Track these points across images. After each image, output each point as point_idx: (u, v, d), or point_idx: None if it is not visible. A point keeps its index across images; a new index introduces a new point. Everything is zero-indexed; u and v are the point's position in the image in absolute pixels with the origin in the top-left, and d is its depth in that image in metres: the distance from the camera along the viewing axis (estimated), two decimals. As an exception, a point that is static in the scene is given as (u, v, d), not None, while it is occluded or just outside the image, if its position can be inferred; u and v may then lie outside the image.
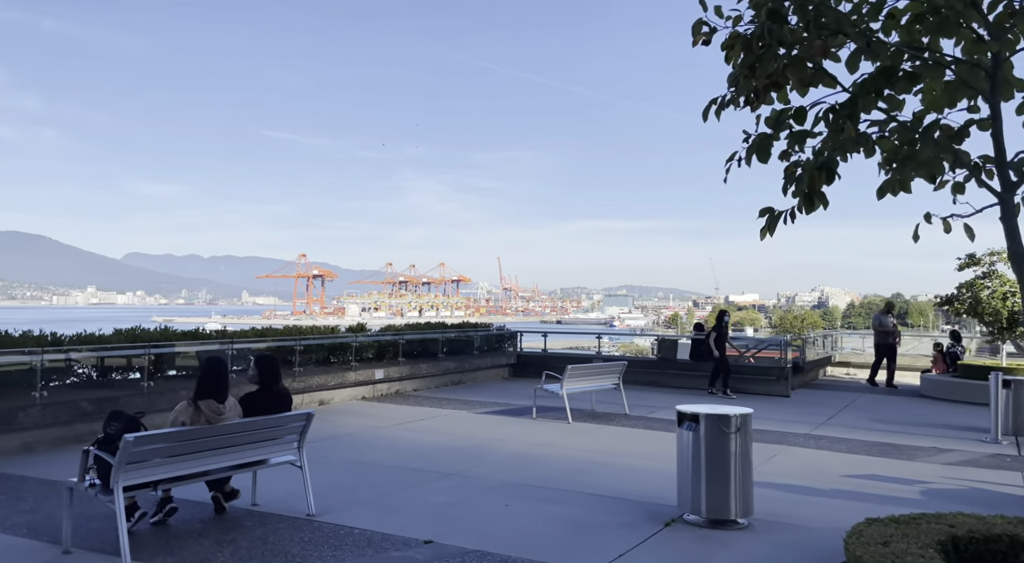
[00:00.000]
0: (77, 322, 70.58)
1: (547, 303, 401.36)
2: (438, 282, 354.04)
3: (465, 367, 17.74)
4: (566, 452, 9.93)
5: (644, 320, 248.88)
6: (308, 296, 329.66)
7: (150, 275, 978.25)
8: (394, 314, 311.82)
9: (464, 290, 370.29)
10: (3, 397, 9.61)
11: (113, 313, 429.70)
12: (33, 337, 10.38)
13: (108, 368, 11.28)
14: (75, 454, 9.83)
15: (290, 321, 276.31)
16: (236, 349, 12.24)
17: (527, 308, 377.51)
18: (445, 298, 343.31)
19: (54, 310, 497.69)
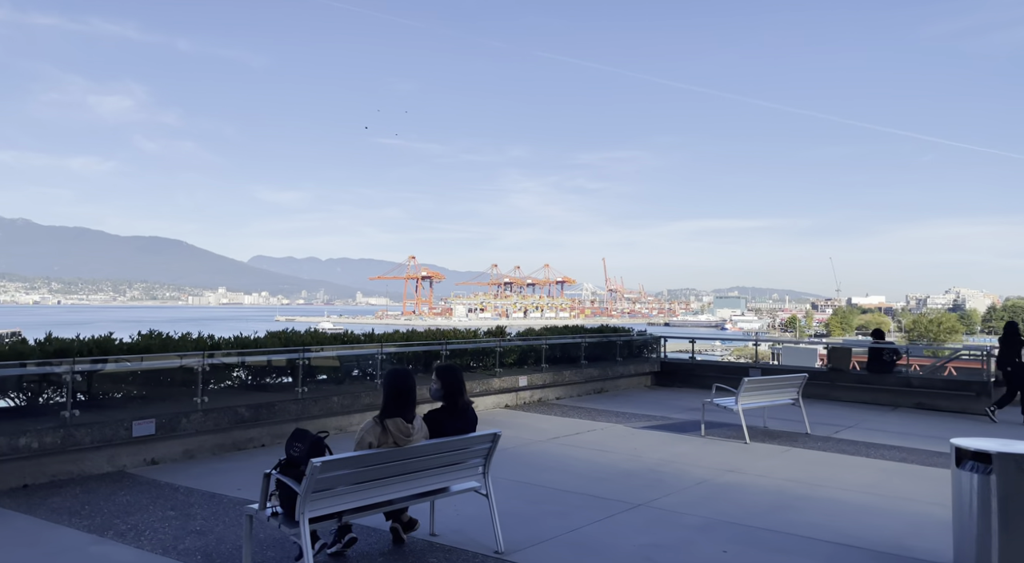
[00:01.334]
0: (212, 321, 75.63)
1: (654, 305, 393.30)
2: (542, 283, 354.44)
3: (608, 374, 16.64)
4: (759, 480, 8.62)
5: (758, 323, 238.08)
6: (417, 297, 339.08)
7: (273, 277, 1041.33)
8: (499, 315, 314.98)
9: (568, 291, 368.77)
10: (167, 402, 9.44)
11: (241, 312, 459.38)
12: (192, 340, 10.22)
13: (260, 371, 11.02)
14: (235, 463, 9.58)
15: (400, 321, 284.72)
16: (386, 354, 11.72)
17: (633, 310, 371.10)
18: (549, 299, 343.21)
19: (189, 309, 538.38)
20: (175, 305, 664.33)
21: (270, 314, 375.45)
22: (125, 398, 9.09)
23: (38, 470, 7.92)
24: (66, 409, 8.12)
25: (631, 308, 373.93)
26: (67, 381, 8.11)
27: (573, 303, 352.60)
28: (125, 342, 9.55)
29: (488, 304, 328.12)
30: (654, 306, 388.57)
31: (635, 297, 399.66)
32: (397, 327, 60.75)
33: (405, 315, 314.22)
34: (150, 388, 9.36)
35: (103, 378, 8.72)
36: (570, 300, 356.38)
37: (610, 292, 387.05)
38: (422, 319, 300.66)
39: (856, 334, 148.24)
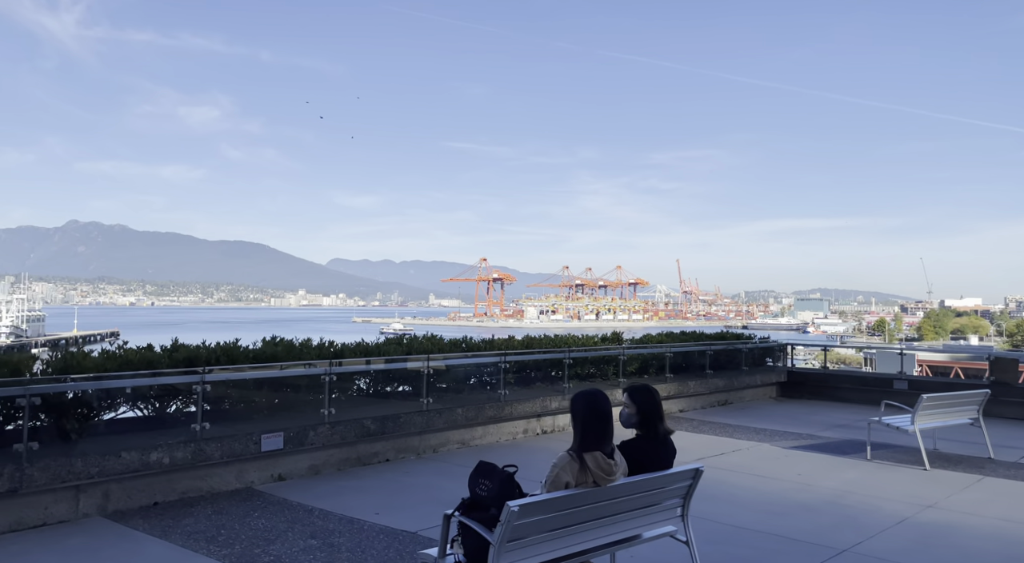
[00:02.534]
0: (294, 322, 77.15)
1: (731, 307, 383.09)
2: (615, 285, 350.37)
3: (733, 385, 15.36)
4: (969, 519, 7.30)
5: (843, 326, 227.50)
6: (488, 298, 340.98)
7: (350, 279, 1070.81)
8: (571, 316, 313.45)
9: (642, 293, 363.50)
10: (292, 414, 8.89)
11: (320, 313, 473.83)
12: (315, 347, 9.67)
13: (382, 380, 10.40)
14: (364, 480, 8.85)
15: (473, 323, 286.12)
16: (509, 362, 10.91)
17: (709, 312, 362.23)
18: (622, 301, 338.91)
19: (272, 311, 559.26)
20: (258, 306, 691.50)
21: (347, 315, 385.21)
22: (249, 409, 8.58)
23: (168, 487, 7.45)
24: (196, 422, 7.63)
25: (707, 310, 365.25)
26: (197, 392, 7.62)
27: (646, 305, 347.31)
28: (249, 348, 9.05)
29: (560, 306, 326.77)
30: (731, 308, 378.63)
31: (711, 299, 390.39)
32: (469, 329, 59.53)
33: (477, 317, 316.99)
34: (275, 399, 8.83)
35: (230, 388, 8.23)
36: (643, 302, 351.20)
37: (685, 294, 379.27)
38: (494, 321, 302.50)
39: (953, 338, 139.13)
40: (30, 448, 6.43)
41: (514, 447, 10.66)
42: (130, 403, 7.90)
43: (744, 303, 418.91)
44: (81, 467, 6.71)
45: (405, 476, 8.81)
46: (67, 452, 6.73)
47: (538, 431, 11.52)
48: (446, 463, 9.53)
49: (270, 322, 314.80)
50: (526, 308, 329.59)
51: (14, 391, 6.43)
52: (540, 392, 11.65)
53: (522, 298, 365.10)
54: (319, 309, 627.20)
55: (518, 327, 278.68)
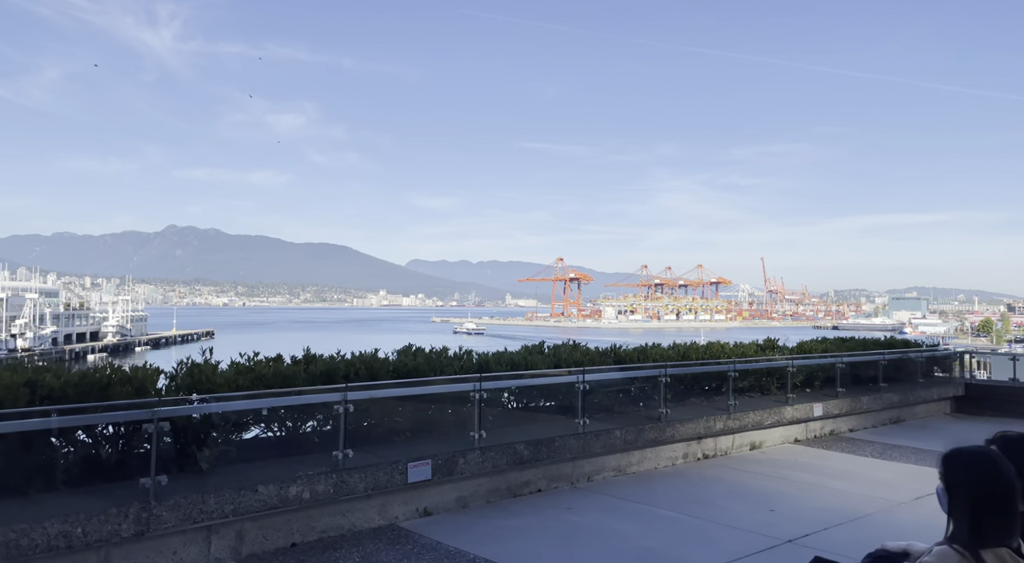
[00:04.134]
0: (377, 321, 77.63)
1: (819, 306, 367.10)
2: (695, 284, 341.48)
3: (907, 399, 13.30)
4: None
5: (943, 326, 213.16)
6: (565, 298, 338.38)
7: (428, 280, 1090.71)
8: (650, 317, 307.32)
9: (724, 293, 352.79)
10: (435, 437, 7.67)
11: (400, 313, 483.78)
12: (454, 358, 8.41)
13: (526, 396, 9.08)
14: (520, 518, 7.08)
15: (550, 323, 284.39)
16: (670, 375, 9.38)
17: (796, 312, 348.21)
18: (704, 301, 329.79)
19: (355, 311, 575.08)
20: (342, 307, 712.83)
21: (426, 315, 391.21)
22: (390, 432, 7.41)
23: (307, 525, 6.33)
24: (337, 448, 6.49)
25: (793, 310, 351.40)
26: (338, 412, 6.48)
27: (729, 305, 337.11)
28: (388, 359, 7.89)
29: (638, 306, 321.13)
30: (819, 308, 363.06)
31: (798, 298, 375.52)
32: (546, 329, 57.52)
33: (554, 317, 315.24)
34: (417, 419, 7.63)
35: (371, 408, 7.07)
36: (726, 302, 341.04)
37: (770, 293, 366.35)
38: (571, 321, 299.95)
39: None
40: (158, 483, 5.41)
41: (677, 475, 9.14)
42: (263, 425, 6.85)
43: (833, 302, 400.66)
44: (214, 504, 5.65)
45: (568, 513, 7.44)
46: (199, 486, 5.69)
47: (699, 456, 9.95)
48: (608, 496, 8.11)
49: (354, 322, 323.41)
50: (604, 308, 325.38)
51: (139, 415, 5.43)
52: (701, 410, 10.08)
53: (599, 298, 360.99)
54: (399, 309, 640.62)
55: (596, 327, 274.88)
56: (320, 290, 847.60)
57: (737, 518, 7.30)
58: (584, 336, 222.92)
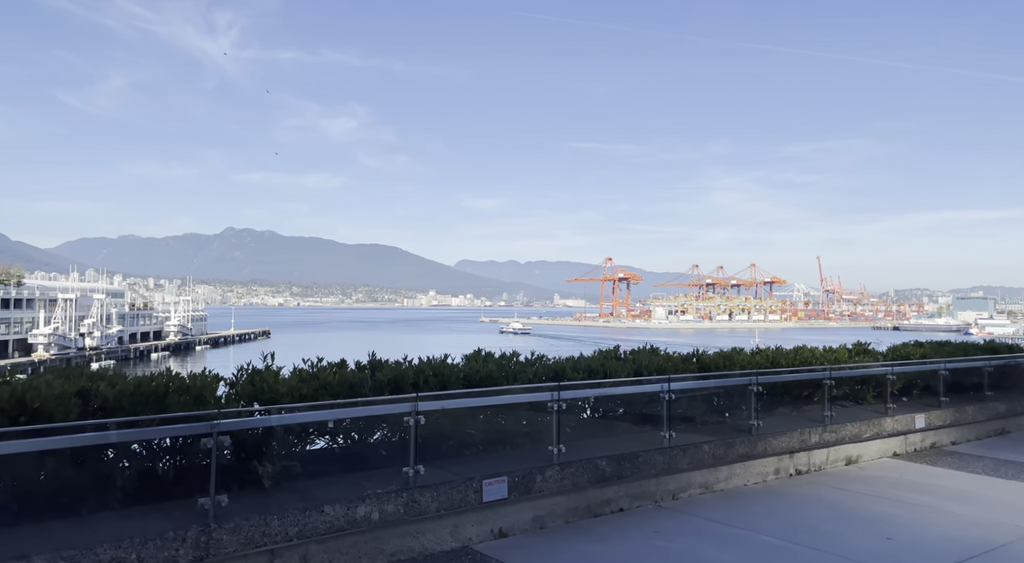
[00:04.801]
0: (427, 321, 77.59)
1: (879, 306, 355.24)
2: (748, 284, 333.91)
3: (1015, 409, 12.11)
4: None
5: (1012, 327, 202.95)
6: (614, 298, 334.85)
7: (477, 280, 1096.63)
8: (702, 317, 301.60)
9: (778, 292, 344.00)
10: (514, 452, 7.06)
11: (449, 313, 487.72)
12: (526, 363, 7.77)
13: (605, 406, 8.38)
14: (604, 543, 6.15)
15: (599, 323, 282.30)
16: (762, 384, 8.55)
17: (854, 312, 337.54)
18: (757, 301, 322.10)
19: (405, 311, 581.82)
20: (392, 307, 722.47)
21: (475, 315, 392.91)
22: (460, 445, 6.83)
23: (375, 547, 5.78)
24: (408, 464, 5.93)
25: (852, 310, 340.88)
26: (409, 426, 5.92)
27: (784, 305, 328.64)
28: (456, 365, 7.30)
29: (689, 306, 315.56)
30: (879, 308, 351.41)
31: (856, 298, 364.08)
32: (596, 329, 56.08)
33: (603, 317, 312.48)
34: (489, 431, 7.03)
35: (442, 419, 6.50)
36: (780, 302, 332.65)
37: (826, 293, 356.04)
38: (620, 321, 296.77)
39: None
40: (218, 503, 4.92)
41: (772, 494, 8.30)
42: (327, 437, 6.34)
43: (894, 302, 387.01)
44: (278, 526, 5.15)
45: (657, 538, 6.72)
46: (261, 506, 5.19)
47: (791, 471, 9.07)
48: (698, 517, 7.35)
49: (405, 322, 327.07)
50: (654, 308, 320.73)
51: (198, 429, 4.96)
52: (793, 422, 9.21)
53: (649, 298, 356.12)
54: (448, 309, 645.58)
55: (645, 327, 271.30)
56: (371, 290, 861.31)
57: (852, 548, 6.46)
58: (634, 336, 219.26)
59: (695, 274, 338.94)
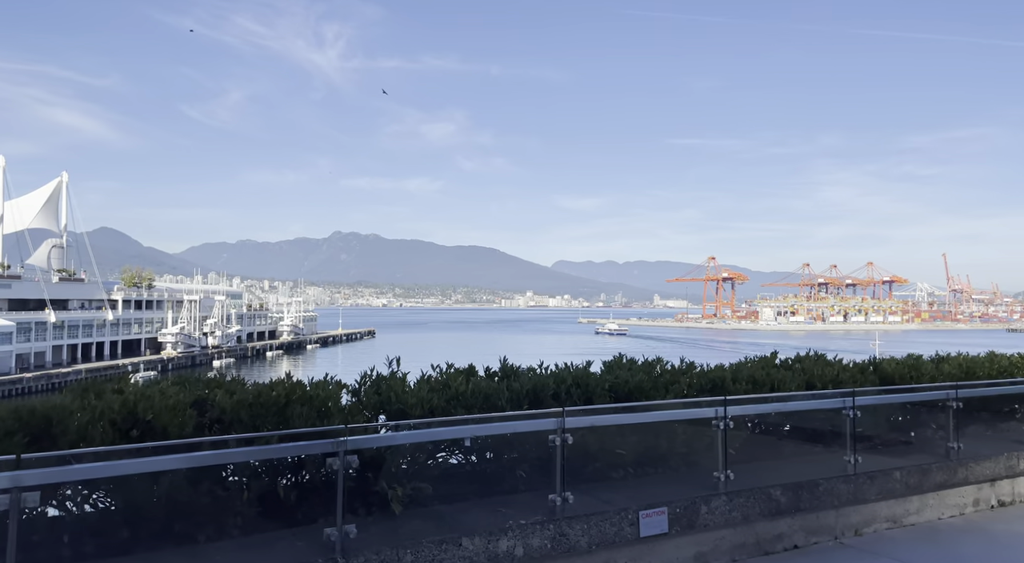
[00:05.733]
0: (525, 322, 77.03)
1: (1013, 307, 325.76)
2: (865, 283, 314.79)
3: None
4: None
5: None
6: (718, 299, 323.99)
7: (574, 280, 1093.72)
8: (813, 318, 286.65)
9: (898, 292, 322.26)
10: (671, 477, 6.07)
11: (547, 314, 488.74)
12: (676, 372, 6.73)
13: (764, 421, 7.22)
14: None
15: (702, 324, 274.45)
16: (961, 399, 7.11)
17: (985, 313, 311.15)
18: (875, 301, 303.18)
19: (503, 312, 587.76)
20: (490, 307, 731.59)
21: (572, 316, 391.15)
22: (607, 467, 5.90)
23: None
24: (554, 490, 5.08)
25: (983, 311, 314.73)
26: (554, 445, 5.06)
27: (905, 305, 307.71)
28: (598, 373, 6.38)
29: (800, 307, 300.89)
30: (1014, 308, 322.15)
31: (987, 298, 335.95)
32: (698, 331, 53.12)
33: (706, 318, 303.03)
34: (638, 451, 6.08)
35: (589, 437, 5.60)
36: (901, 302, 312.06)
37: (954, 292, 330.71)
38: (725, 323, 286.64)
39: None
40: (346, 534, 4.23)
41: (976, 531, 6.88)
42: (459, 454, 5.58)
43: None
44: (411, 562, 4.41)
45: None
46: (391, 537, 4.48)
47: (992, 503, 7.56)
48: (891, 559, 6.10)
49: (504, 322, 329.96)
50: (761, 309, 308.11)
51: (324, 446, 4.29)
52: (997, 444, 7.69)
53: (756, 298, 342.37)
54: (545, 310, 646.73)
55: (752, 329, 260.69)
56: (470, 291, 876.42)
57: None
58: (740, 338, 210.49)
59: (806, 273, 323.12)
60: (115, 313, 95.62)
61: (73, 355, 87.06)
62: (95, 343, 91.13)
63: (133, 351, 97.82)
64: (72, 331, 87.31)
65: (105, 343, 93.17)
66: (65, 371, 79.75)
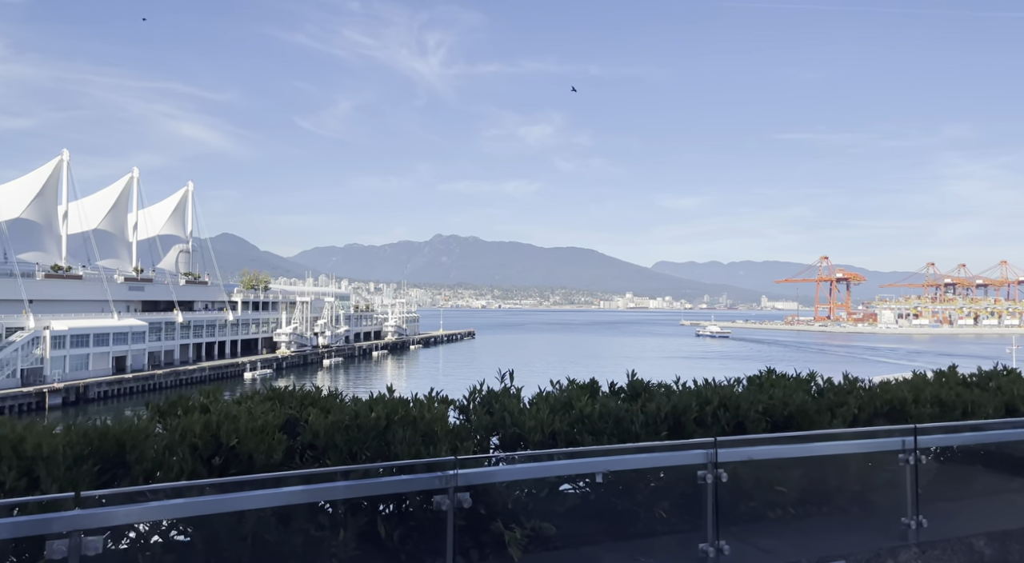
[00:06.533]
0: (624, 324, 74.48)
1: None
2: (998, 284, 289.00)
3: None
4: None
5: None
6: (831, 301, 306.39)
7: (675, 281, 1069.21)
8: (939, 321, 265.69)
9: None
10: (843, 519, 4.98)
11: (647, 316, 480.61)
12: (838, 388, 5.60)
13: (947, 451, 5.94)
14: None
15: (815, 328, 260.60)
16: None
17: None
18: (1010, 303, 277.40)
19: (601, 313, 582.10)
20: (588, 309, 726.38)
21: (674, 318, 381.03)
22: (763, 507, 4.89)
23: (660, 653, 4.06)
24: (705, 538, 4.17)
25: None
26: (704, 483, 4.15)
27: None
28: (746, 391, 5.37)
29: (923, 309, 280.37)
30: None
31: None
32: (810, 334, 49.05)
33: (818, 320, 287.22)
34: (800, 487, 5.03)
35: (741, 470, 4.65)
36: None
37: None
38: (840, 326, 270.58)
39: None
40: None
41: None
42: (585, 486, 4.75)
43: None
44: (533, 624, 3.62)
45: None
46: (509, 592, 3.71)
47: None
48: None
49: (603, 324, 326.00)
50: (880, 311, 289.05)
51: (431, 482, 3.58)
52: None
53: (874, 300, 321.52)
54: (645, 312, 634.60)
55: (870, 333, 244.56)
56: (568, 293, 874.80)
57: None
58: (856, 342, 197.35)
59: (930, 273, 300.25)
60: (235, 314, 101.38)
61: (198, 353, 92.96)
62: (217, 342, 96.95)
63: (251, 350, 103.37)
64: (197, 331, 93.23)
65: (226, 342, 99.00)
66: (191, 368, 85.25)
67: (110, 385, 72.23)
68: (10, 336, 65.75)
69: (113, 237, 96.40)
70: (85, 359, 72.75)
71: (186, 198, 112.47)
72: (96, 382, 70.90)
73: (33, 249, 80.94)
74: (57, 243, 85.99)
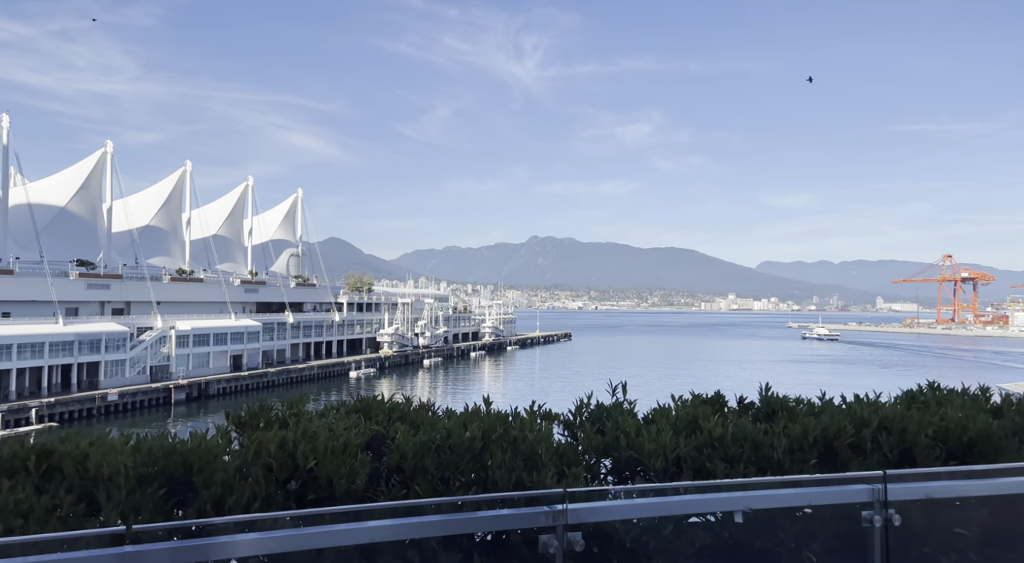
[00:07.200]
0: (727, 327, 71.71)
1: None
2: None
3: None
4: None
5: None
6: (955, 302, 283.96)
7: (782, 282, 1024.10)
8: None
9: None
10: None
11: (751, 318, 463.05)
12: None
13: None
14: None
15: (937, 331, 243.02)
16: None
17: None
18: None
19: (702, 315, 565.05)
20: (689, 311, 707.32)
21: (781, 320, 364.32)
22: (933, 549, 4.01)
23: None
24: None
25: None
26: (872, 525, 3.37)
27: None
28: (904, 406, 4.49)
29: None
30: None
31: None
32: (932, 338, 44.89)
33: (941, 323, 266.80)
34: (981, 529, 4.11)
35: (909, 509, 3.82)
36: None
37: None
38: (966, 329, 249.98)
39: None
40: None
41: None
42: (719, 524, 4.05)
43: None
44: None
45: None
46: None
47: None
48: None
49: (704, 326, 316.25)
50: (1012, 313, 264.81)
51: (536, 518, 3.01)
52: None
53: (1005, 301, 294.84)
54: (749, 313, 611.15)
55: (1001, 336, 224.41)
56: (667, 294, 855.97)
57: None
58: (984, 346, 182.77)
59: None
60: (341, 315, 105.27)
61: (307, 353, 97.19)
62: (324, 342, 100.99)
63: (355, 350, 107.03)
64: (306, 331, 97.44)
65: (333, 342, 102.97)
66: (301, 367, 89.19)
67: (228, 382, 76.61)
68: (141, 335, 70.88)
69: (230, 242, 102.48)
70: (206, 357, 77.56)
71: (296, 204, 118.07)
72: (216, 379, 75.36)
73: (160, 254, 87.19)
74: (181, 248, 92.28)
